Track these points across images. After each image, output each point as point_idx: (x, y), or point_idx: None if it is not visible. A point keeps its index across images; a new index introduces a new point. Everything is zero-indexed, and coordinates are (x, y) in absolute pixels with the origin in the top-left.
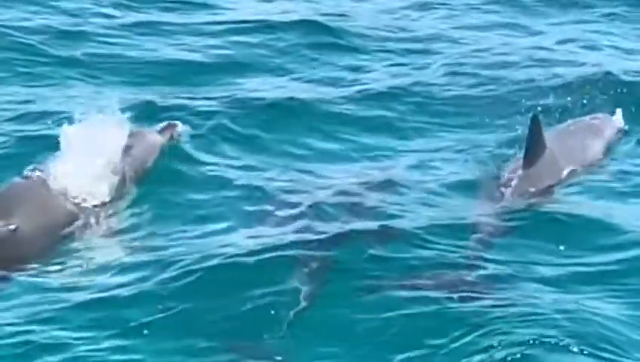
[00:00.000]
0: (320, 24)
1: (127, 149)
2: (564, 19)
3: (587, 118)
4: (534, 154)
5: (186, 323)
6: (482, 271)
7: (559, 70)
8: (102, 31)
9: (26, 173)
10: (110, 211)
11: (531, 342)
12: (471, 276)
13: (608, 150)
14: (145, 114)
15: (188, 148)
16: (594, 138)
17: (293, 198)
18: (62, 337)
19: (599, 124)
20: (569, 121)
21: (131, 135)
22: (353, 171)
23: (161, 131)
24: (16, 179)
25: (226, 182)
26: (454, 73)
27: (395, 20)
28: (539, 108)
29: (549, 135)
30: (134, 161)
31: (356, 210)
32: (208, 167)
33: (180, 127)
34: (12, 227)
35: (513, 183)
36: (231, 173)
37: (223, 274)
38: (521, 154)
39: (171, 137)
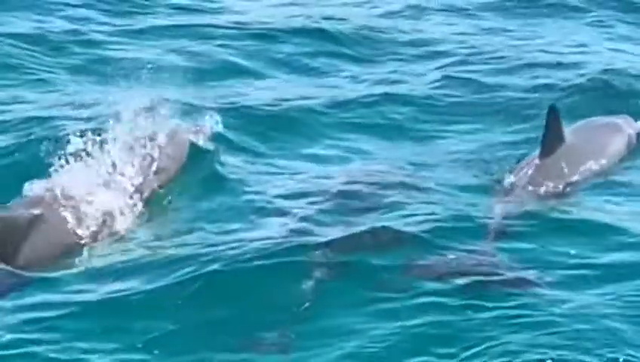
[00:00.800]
0: (322, 31)
1: (160, 153)
2: (565, 23)
3: (608, 117)
4: (552, 147)
5: (192, 331)
6: (492, 277)
7: (562, 74)
8: (106, 38)
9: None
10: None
11: (543, 349)
12: (480, 279)
13: (627, 150)
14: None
15: (188, 154)
16: (614, 137)
17: (297, 204)
18: (70, 347)
19: (620, 124)
20: (589, 119)
21: (166, 135)
22: (358, 176)
23: (192, 133)
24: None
25: (228, 188)
26: (456, 78)
27: (396, 26)
28: (543, 113)
29: (567, 131)
30: (162, 171)
31: (363, 214)
32: (210, 173)
33: (209, 128)
34: (37, 212)
35: (529, 174)
36: (234, 179)
37: (230, 281)
38: (534, 153)
39: (199, 139)
